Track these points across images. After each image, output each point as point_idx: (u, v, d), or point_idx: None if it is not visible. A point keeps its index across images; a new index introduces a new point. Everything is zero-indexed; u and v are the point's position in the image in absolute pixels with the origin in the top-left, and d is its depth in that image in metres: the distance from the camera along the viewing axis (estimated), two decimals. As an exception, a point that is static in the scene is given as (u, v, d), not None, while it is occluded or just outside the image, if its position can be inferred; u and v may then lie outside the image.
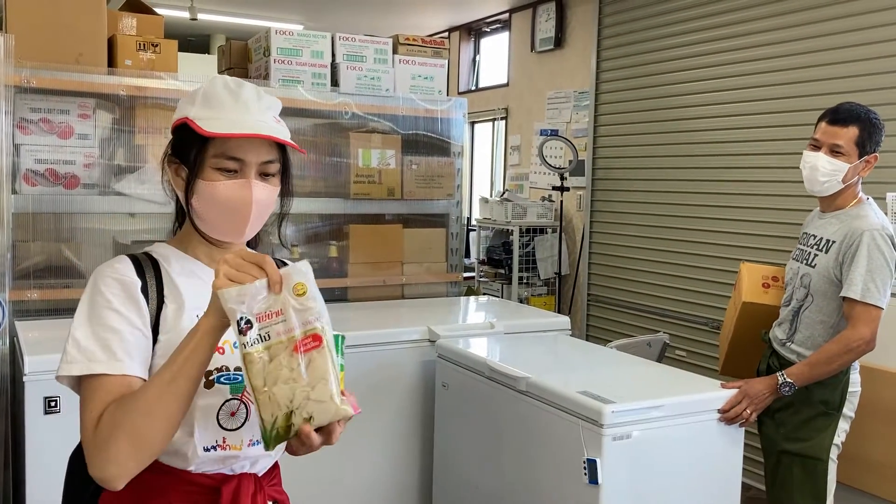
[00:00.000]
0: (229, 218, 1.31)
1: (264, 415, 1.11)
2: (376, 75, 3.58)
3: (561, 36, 5.97)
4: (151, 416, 1.14)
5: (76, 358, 1.20)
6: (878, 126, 2.47)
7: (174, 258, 1.34)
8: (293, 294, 1.12)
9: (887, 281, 2.36)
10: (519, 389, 2.33)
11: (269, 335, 1.11)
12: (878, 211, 2.49)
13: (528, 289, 5.69)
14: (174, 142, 1.35)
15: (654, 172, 4.84)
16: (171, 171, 1.35)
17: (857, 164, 2.44)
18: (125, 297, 1.24)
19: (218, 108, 1.29)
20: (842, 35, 3.73)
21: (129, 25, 3.26)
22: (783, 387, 2.38)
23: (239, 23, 7.45)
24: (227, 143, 1.28)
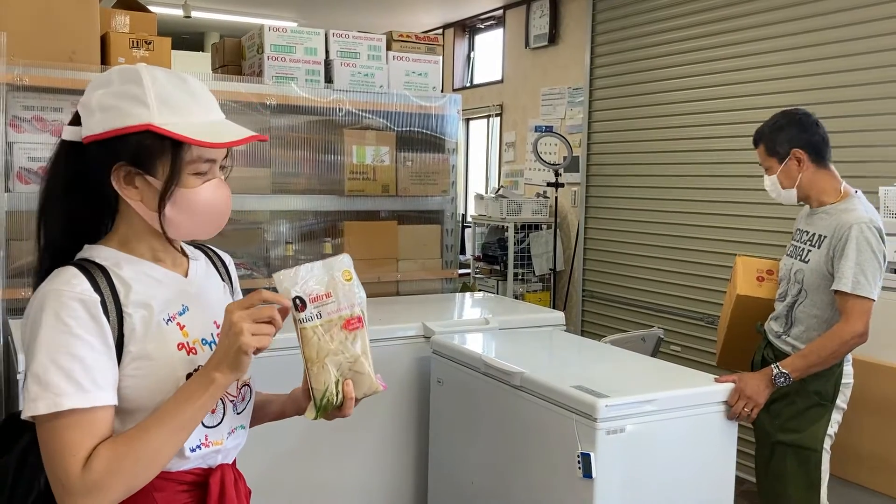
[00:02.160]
0: (208, 220, 1.28)
1: (316, 384, 1.24)
2: (370, 72, 3.58)
3: (555, 32, 5.97)
4: (154, 464, 1.15)
5: (39, 394, 1.10)
6: (780, 127, 2.57)
7: (123, 262, 1.25)
8: (342, 279, 1.25)
9: (877, 272, 2.39)
10: (513, 385, 2.34)
11: (321, 314, 1.23)
12: (867, 204, 2.52)
13: (524, 285, 5.70)
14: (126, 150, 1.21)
15: (648, 168, 4.85)
16: (120, 179, 1.22)
17: (783, 168, 2.55)
18: (86, 317, 1.15)
19: (181, 110, 1.22)
20: (840, 29, 3.74)
21: (123, 23, 3.25)
22: (778, 378, 2.39)
23: (233, 20, 7.44)
24: (200, 149, 1.22)
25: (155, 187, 1.22)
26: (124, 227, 1.28)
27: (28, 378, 1.12)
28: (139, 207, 1.24)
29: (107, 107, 1.21)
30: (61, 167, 1.25)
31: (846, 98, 3.70)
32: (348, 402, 1.28)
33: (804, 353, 2.43)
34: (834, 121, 3.74)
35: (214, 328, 1.30)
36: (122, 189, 1.23)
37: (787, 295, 2.60)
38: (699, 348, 4.46)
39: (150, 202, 1.24)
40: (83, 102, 1.24)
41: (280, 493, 2.67)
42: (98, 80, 1.25)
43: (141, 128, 1.19)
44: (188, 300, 1.29)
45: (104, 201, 1.27)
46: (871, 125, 3.59)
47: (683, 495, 2.22)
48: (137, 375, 1.19)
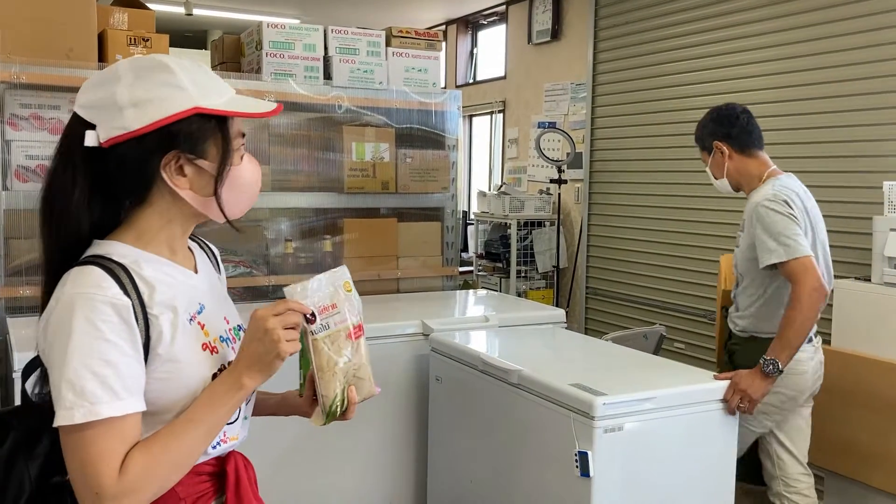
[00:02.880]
0: (251, 194, 1.30)
1: (326, 392, 1.29)
2: (369, 68, 3.56)
3: (558, 28, 5.94)
4: (185, 465, 1.18)
5: (75, 403, 1.07)
6: (702, 123, 2.76)
7: (142, 261, 1.21)
8: (343, 290, 1.30)
9: (795, 230, 2.46)
10: (511, 382, 2.32)
11: (329, 324, 1.27)
12: (780, 182, 2.60)
13: (527, 282, 5.68)
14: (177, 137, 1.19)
15: (652, 164, 4.82)
16: (170, 171, 1.20)
17: (711, 160, 2.74)
18: (118, 321, 1.12)
19: (212, 90, 1.22)
20: (843, 23, 3.71)
21: (121, 20, 3.24)
22: (766, 366, 2.39)
23: (235, 18, 7.44)
24: (237, 121, 1.25)
25: (207, 171, 1.21)
26: (149, 219, 1.24)
27: (61, 385, 1.08)
28: (189, 195, 1.22)
29: (141, 100, 1.16)
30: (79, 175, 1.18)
31: (850, 92, 3.66)
32: (352, 406, 1.32)
33: (779, 334, 2.43)
34: (838, 115, 3.72)
35: (225, 324, 1.31)
36: (172, 179, 1.20)
37: (736, 280, 2.77)
38: (702, 345, 4.44)
39: (201, 188, 1.22)
40: (95, 102, 1.18)
41: (280, 491, 2.66)
42: (103, 76, 1.20)
43: (188, 112, 1.17)
44: (202, 297, 1.28)
45: (129, 196, 1.23)
46: (875, 119, 3.56)
47: (683, 494, 2.20)
48: (165, 378, 1.18)
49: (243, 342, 1.20)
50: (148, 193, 1.22)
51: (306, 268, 3.43)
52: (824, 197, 3.75)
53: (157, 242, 1.25)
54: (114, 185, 1.21)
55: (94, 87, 1.20)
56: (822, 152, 3.79)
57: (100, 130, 1.17)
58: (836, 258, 3.67)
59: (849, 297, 3.14)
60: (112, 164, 1.19)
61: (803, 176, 3.85)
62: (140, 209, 1.24)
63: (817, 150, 3.81)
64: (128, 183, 1.21)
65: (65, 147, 1.20)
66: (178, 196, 1.22)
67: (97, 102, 1.18)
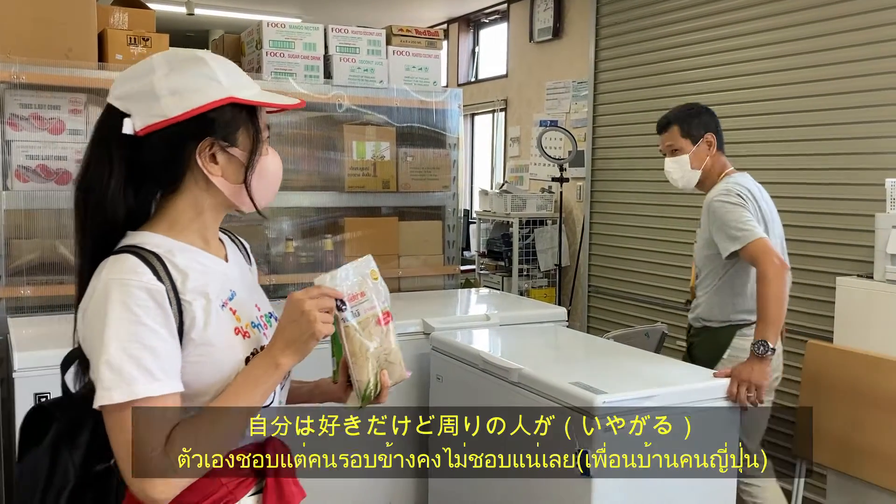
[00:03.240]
0: (275, 184, 1.35)
1: (361, 376, 1.33)
2: (370, 67, 3.56)
3: (559, 26, 5.93)
4: (226, 445, 1.21)
5: (114, 383, 1.12)
6: (693, 113, 2.82)
7: (175, 250, 1.25)
8: (370, 278, 1.34)
9: (747, 217, 2.57)
10: (511, 381, 2.32)
11: (359, 312, 1.31)
12: (733, 179, 2.72)
13: (529, 281, 5.67)
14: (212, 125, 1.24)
15: (653, 162, 4.79)
16: (205, 157, 1.25)
17: (695, 149, 2.77)
18: (154, 306, 1.16)
19: (243, 84, 1.28)
20: (846, 19, 3.69)
21: (121, 20, 3.24)
22: (758, 349, 2.42)
23: (237, 17, 7.43)
24: (264, 115, 1.30)
25: (238, 159, 1.27)
26: (182, 208, 1.28)
27: (100, 367, 1.13)
28: (220, 182, 1.27)
29: (179, 89, 1.21)
30: (114, 163, 1.22)
31: (852, 89, 3.65)
32: (385, 390, 1.36)
33: (760, 316, 2.50)
34: (840, 112, 3.70)
35: (256, 311, 1.35)
36: (206, 166, 1.25)
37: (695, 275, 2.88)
38: (705, 343, 4.42)
39: (231, 175, 1.27)
40: (132, 93, 1.22)
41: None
42: (138, 69, 1.25)
43: (223, 101, 1.22)
44: (233, 285, 1.32)
45: (163, 185, 1.28)
46: (878, 116, 3.55)
47: (684, 493, 2.19)
48: (200, 362, 1.21)
49: (280, 324, 1.23)
50: (181, 181, 1.26)
51: (307, 267, 3.43)
52: (827, 194, 3.76)
53: (188, 232, 1.29)
54: (148, 173, 1.25)
55: (128, 79, 1.24)
56: (825, 149, 3.78)
57: (135, 119, 1.21)
58: (839, 255, 3.67)
59: (851, 294, 3.13)
60: (148, 151, 1.23)
61: (806, 173, 3.87)
62: (172, 198, 1.28)
63: (820, 147, 3.80)
64: (162, 169, 1.25)
65: (99, 138, 1.24)
66: (210, 184, 1.26)
67: (133, 93, 1.22)
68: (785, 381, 3.85)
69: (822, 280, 3.68)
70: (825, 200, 3.77)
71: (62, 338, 2.56)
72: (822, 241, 3.76)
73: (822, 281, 3.67)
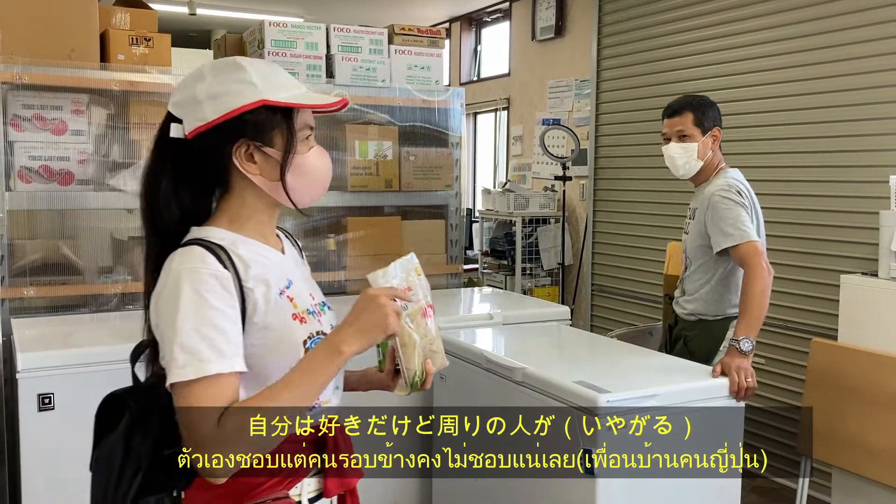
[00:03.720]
0: (318, 183, 1.41)
1: (409, 365, 1.42)
2: (372, 66, 3.55)
3: (561, 24, 5.92)
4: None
5: (188, 361, 1.21)
6: (709, 104, 2.84)
7: (238, 242, 1.35)
8: (415, 274, 1.43)
9: (744, 217, 2.63)
10: (515, 380, 2.31)
11: (407, 305, 1.40)
12: (733, 175, 2.78)
13: (532, 279, 5.67)
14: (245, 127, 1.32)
15: (656, 160, 4.76)
16: (241, 157, 1.33)
17: (704, 140, 2.79)
18: (221, 290, 1.26)
19: (281, 86, 1.34)
20: (850, 16, 3.68)
21: (123, 20, 3.24)
22: (742, 345, 2.43)
23: (239, 17, 7.44)
24: (304, 115, 1.36)
25: (274, 158, 1.34)
26: (236, 206, 1.38)
27: (173, 349, 1.21)
28: (259, 181, 1.35)
29: (216, 94, 1.31)
30: (168, 165, 1.33)
31: (857, 86, 3.64)
32: (429, 377, 1.44)
33: (743, 312, 2.54)
34: (845, 110, 3.69)
35: (311, 300, 1.43)
36: (242, 165, 1.33)
37: (683, 265, 2.92)
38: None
39: (269, 174, 1.35)
40: (182, 100, 1.33)
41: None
42: (190, 78, 1.35)
43: (255, 104, 1.31)
44: (289, 275, 1.41)
45: (214, 184, 1.38)
46: (882, 113, 3.53)
47: (688, 490, 2.18)
48: (261, 345, 1.30)
49: (352, 313, 1.30)
50: (228, 180, 1.36)
51: (311, 267, 3.42)
52: (831, 191, 3.75)
53: (247, 227, 1.38)
54: (198, 173, 1.35)
55: (182, 87, 1.35)
56: (830, 147, 3.76)
57: (185, 124, 1.32)
58: (843, 253, 3.66)
59: (856, 292, 3.12)
60: (194, 153, 1.33)
61: (810, 171, 3.86)
62: (227, 197, 1.38)
63: (825, 144, 3.79)
64: (208, 169, 1.35)
65: (157, 142, 1.36)
66: (252, 182, 1.35)
67: (184, 100, 1.33)
68: (789, 380, 3.85)
69: (826, 278, 3.67)
70: (829, 198, 3.76)
71: (65, 338, 2.59)
72: (826, 239, 3.75)
73: (827, 279, 3.66)
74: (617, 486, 2.04)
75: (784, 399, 3.91)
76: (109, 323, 2.91)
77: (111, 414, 1.38)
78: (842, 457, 2.75)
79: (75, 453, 2.32)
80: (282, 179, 1.34)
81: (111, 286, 3.07)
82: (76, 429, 2.31)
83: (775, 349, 3.86)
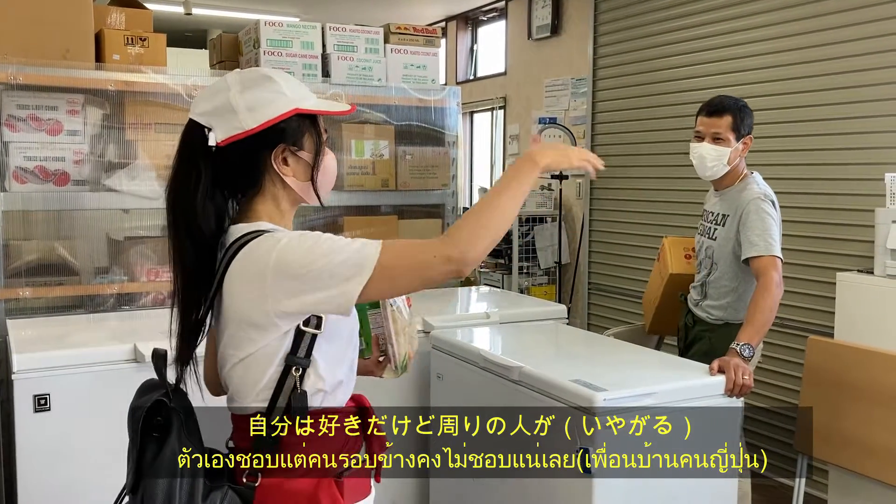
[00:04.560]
0: (332, 180, 1.55)
1: (400, 350, 1.62)
2: (368, 65, 3.55)
3: (557, 23, 5.92)
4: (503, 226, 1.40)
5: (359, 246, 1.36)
6: (747, 111, 2.83)
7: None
8: None
9: (775, 231, 2.68)
10: (512, 379, 2.31)
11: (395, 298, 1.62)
12: (761, 181, 2.82)
13: (529, 278, 5.67)
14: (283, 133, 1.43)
15: (652, 158, 4.80)
16: (278, 161, 1.44)
17: (736, 146, 2.78)
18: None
19: (304, 95, 1.46)
20: (845, 14, 3.69)
21: (118, 20, 3.23)
22: (743, 350, 2.44)
23: (235, 17, 7.42)
24: (321, 120, 1.49)
25: (305, 160, 1.46)
26: (271, 205, 1.47)
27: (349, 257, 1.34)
28: (292, 182, 1.46)
29: (254, 104, 1.40)
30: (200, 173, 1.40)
31: (852, 84, 3.64)
32: (410, 360, 1.67)
33: (749, 320, 2.55)
34: (840, 107, 3.70)
35: None
36: (280, 168, 1.44)
37: (702, 268, 2.92)
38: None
39: (300, 174, 1.47)
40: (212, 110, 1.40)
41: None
42: (215, 89, 1.43)
43: (290, 113, 1.42)
44: None
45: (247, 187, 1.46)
46: (877, 111, 3.54)
47: (686, 489, 2.18)
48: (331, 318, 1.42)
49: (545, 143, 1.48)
50: (261, 182, 1.45)
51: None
52: (826, 189, 3.75)
53: (285, 221, 1.49)
54: (233, 177, 1.44)
55: (206, 98, 1.43)
56: (825, 144, 3.77)
57: (217, 132, 1.40)
58: (839, 250, 3.67)
59: (851, 289, 3.12)
60: (231, 159, 1.42)
61: (806, 168, 3.86)
62: (259, 198, 1.46)
63: (820, 142, 3.79)
64: (245, 173, 1.44)
65: (185, 151, 1.43)
66: (284, 183, 1.46)
67: (214, 110, 1.41)
68: (785, 377, 3.86)
69: (822, 276, 3.68)
70: (825, 196, 3.76)
71: (61, 339, 2.58)
72: (822, 237, 3.75)
73: (823, 276, 3.66)
74: (614, 484, 2.04)
75: (780, 397, 3.91)
76: (105, 324, 2.90)
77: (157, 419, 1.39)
78: (838, 454, 2.75)
79: (71, 454, 2.33)
80: (313, 179, 1.47)
81: (107, 287, 3.06)
82: (72, 430, 2.32)
83: (772, 347, 3.86)
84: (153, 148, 3.12)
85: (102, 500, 2.29)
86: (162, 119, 3.14)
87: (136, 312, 3.06)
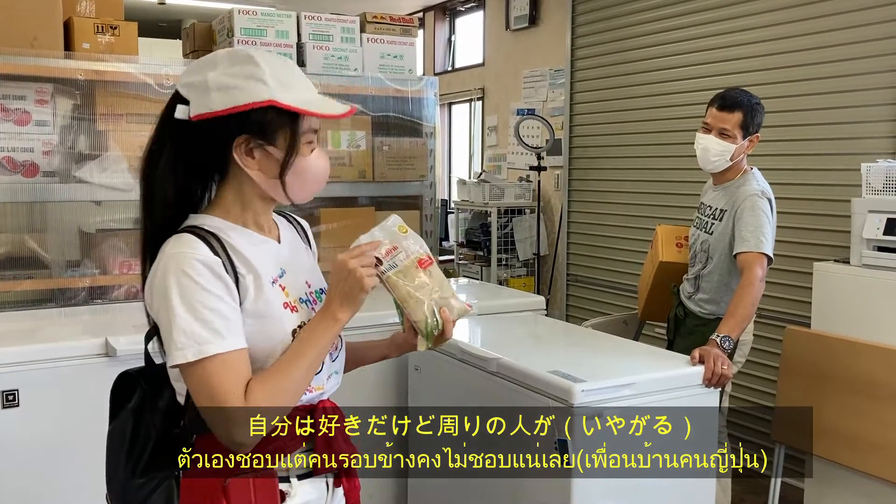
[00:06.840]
0: (315, 184, 1.43)
1: (416, 317, 1.46)
2: (344, 55, 3.51)
3: (535, 14, 5.90)
4: (297, 394, 1.34)
5: (186, 344, 1.25)
6: (759, 110, 2.80)
7: (230, 231, 1.38)
8: (399, 232, 1.46)
9: (770, 234, 2.68)
10: (490, 371, 2.29)
11: (395, 263, 1.43)
12: (760, 178, 2.82)
13: (508, 270, 5.66)
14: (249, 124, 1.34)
15: (631, 150, 4.80)
16: (239, 151, 1.35)
17: (742, 143, 2.76)
18: (210, 275, 1.29)
19: (293, 88, 1.36)
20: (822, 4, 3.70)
21: (88, 8, 3.17)
22: (723, 342, 2.45)
23: (209, 6, 7.32)
24: (311, 118, 1.38)
25: (275, 157, 1.36)
26: (232, 195, 1.40)
27: (172, 331, 1.26)
28: (257, 176, 1.37)
29: (226, 86, 1.32)
30: (168, 144, 1.35)
31: (829, 74, 3.65)
32: (448, 325, 1.47)
33: (730, 313, 2.56)
34: (816, 97, 3.71)
35: (307, 287, 1.47)
36: (241, 159, 1.35)
37: (696, 262, 2.91)
38: (683, 330, 4.43)
39: (268, 170, 1.37)
40: (193, 83, 1.34)
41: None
42: (203, 61, 1.36)
43: (264, 104, 1.32)
44: (284, 264, 1.44)
45: (211, 172, 1.40)
46: (854, 101, 3.56)
47: (665, 479, 2.18)
48: (252, 332, 1.33)
49: (331, 285, 1.38)
50: (226, 169, 1.38)
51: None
52: (803, 179, 3.76)
53: (242, 217, 1.41)
54: (197, 156, 1.37)
55: (194, 70, 1.36)
56: (802, 135, 3.78)
57: (192, 107, 1.33)
58: (816, 240, 3.69)
59: (828, 279, 3.14)
60: (197, 137, 1.34)
61: (782, 159, 3.87)
62: (224, 185, 1.40)
63: (796, 132, 3.80)
64: (207, 156, 1.37)
65: (161, 120, 1.38)
66: (248, 175, 1.37)
67: (194, 83, 1.34)
68: (763, 367, 3.87)
69: (799, 265, 3.69)
70: (802, 186, 3.78)
71: (31, 334, 2.52)
72: (799, 227, 3.77)
73: (800, 266, 3.68)
74: (593, 476, 2.02)
75: (757, 386, 3.93)
76: (77, 318, 2.85)
77: (126, 391, 1.43)
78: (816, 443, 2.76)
79: (41, 449, 2.28)
80: (281, 179, 1.37)
81: (78, 280, 3.01)
82: (42, 425, 2.28)
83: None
84: (125, 139, 3.07)
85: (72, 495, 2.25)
86: (134, 109, 3.08)
87: (109, 306, 3.01)
